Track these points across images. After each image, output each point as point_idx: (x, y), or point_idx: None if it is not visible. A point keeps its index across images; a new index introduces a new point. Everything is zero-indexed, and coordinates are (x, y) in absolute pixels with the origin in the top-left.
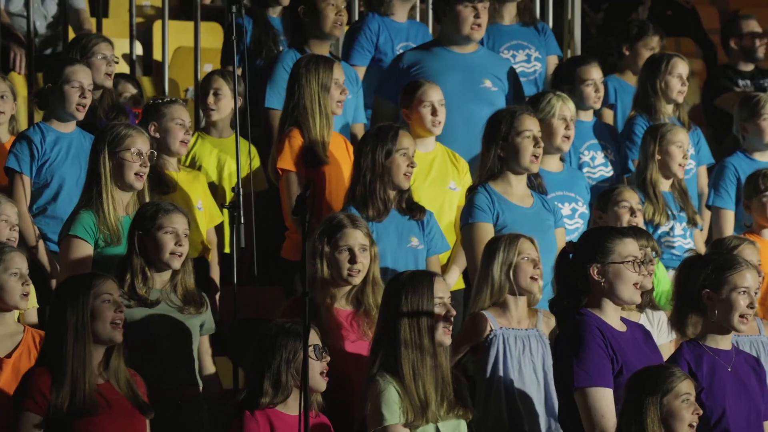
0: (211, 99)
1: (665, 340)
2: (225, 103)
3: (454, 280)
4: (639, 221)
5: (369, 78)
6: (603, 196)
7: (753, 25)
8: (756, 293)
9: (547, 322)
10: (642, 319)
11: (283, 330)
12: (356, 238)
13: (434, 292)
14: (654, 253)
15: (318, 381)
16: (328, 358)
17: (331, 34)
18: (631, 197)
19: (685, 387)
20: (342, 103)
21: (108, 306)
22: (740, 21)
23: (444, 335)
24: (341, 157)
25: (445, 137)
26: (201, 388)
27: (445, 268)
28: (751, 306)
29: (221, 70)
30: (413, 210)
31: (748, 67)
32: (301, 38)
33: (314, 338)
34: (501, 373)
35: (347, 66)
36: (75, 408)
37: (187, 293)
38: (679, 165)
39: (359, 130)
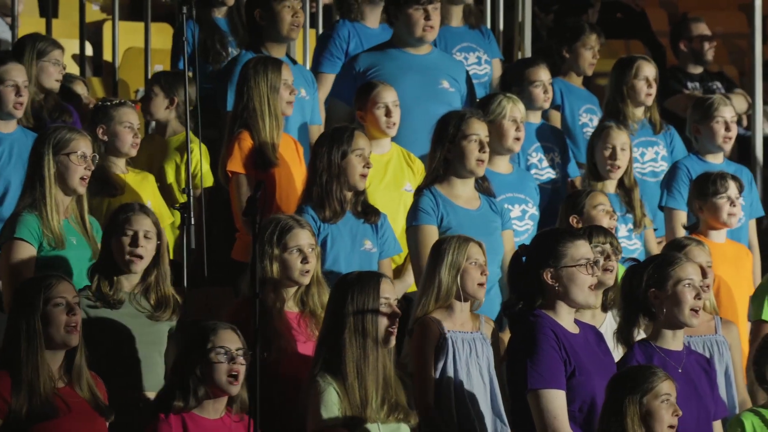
0: (146, 101)
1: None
2: (158, 105)
3: (412, 281)
4: (614, 224)
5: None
6: (575, 202)
7: (702, 28)
8: (702, 286)
9: (487, 327)
10: (608, 318)
11: (193, 332)
12: (305, 238)
13: (380, 292)
14: (614, 249)
15: (224, 383)
16: (242, 360)
17: (288, 36)
18: (605, 199)
19: (666, 387)
20: (292, 103)
21: (60, 310)
22: (689, 24)
23: (389, 336)
24: (291, 158)
25: (406, 139)
26: None
27: (401, 269)
28: (698, 297)
29: (158, 72)
30: (368, 213)
31: (697, 70)
32: (258, 41)
33: (231, 340)
34: (451, 375)
35: (303, 68)
36: (33, 412)
37: (161, 298)
38: (608, 165)
39: (316, 132)
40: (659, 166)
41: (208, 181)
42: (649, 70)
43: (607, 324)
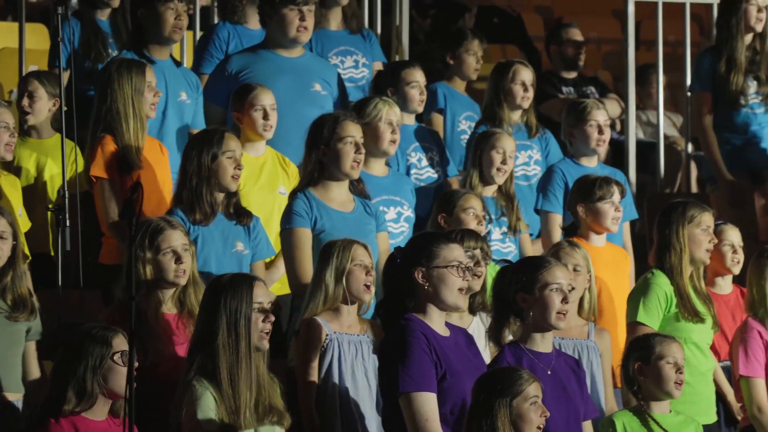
0: (25, 102)
1: None
2: (41, 106)
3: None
4: (482, 229)
5: None
6: (447, 201)
7: (574, 34)
8: (570, 290)
9: (374, 331)
10: (475, 321)
11: (90, 336)
12: (178, 238)
13: (254, 296)
14: (484, 255)
15: (122, 387)
16: (137, 364)
17: (171, 38)
18: (477, 204)
19: (533, 390)
20: (155, 105)
21: None
22: (562, 29)
23: (262, 340)
24: (155, 161)
25: (279, 141)
26: (24, 394)
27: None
28: (565, 301)
29: (36, 72)
30: (240, 215)
31: (572, 75)
32: (140, 42)
33: (122, 344)
34: (336, 377)
35: (188, 71)
36: None
37: (18, 299)
38: (497, 170)
39: None
40: (531, 170)
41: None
42: (525, 74)
43: (474, 327)
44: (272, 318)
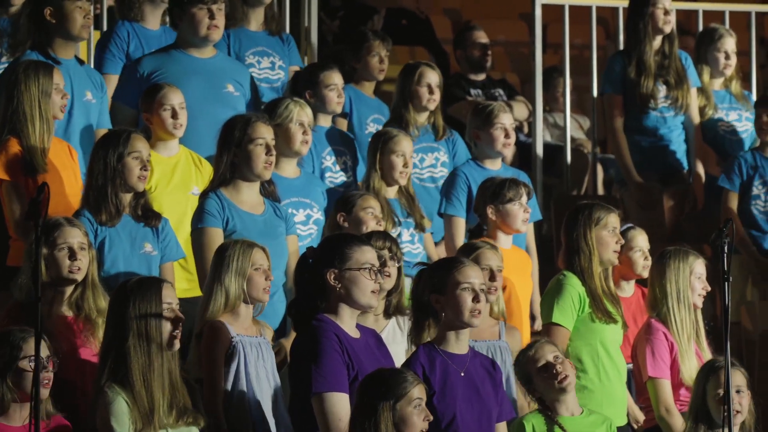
0: None
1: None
2: None
3: None
4: (381, 228)
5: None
6: (347, 201)
7: (480, 36)
8: (490, 288)
9: (267, 332)
10: (391, 324)
11: None
12: (74, 236)
13: (162, 298)
14: (392, 255)
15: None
16: (50, 367)
17: (79, 36)
18: (376, 204)
19: (417, 392)
20: (65, 107)
21: None
22: (468, 32)
23: (173, 341)
24: (61, 163)
25: (191, 142)
26: None
27: None
28: (476, 300)
29: None
30: (148, 216)
31: (480, 77)
32: (46, 40)
33: (42, 348)
34: (243, 379)
35: (93, 71)
36: None
37: None
38: (400, 173)
39: None
40: (438, 172)
41: None
42: (431, 76)
43: (390, 329)
44: (182, 319)
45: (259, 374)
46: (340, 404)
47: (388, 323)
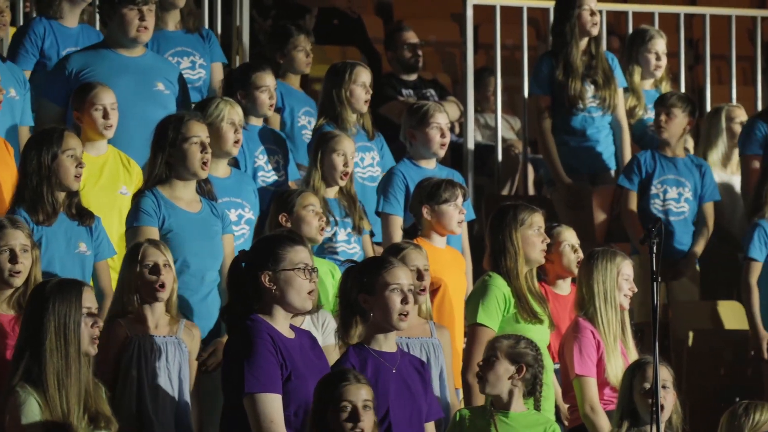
0: None
1: (331, 341)
2: None
3: None
4: (323, 225)
5: (35, 81)
6: (286, 201)
7: (410, 36)
8: (419, 289)
9: (188, 332)
10: (306, 321)
11: None
12: (17, 238)
13: (82, 301)
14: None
15: None
16: None
17: None
18: (316, 201)
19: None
20: (0, 104)
21: None
22: (398, 32)
23: (90, 345)
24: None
25: (122, 141)
26: None
27: None
28: (405, 301)
29: None
30: (82, 215)
31: (411, 77)
32: None
33: None
34: (135, 380)
35: (15, 67)
36: None
37: None
38: (341, 173)
39: (26, 133)
40: (376, 171)
41: None
42: (365, 76)
43: (305, 326)
44: (100, 323)
45: (159, 374)
46: (273, 405)
47: (303, 319)
